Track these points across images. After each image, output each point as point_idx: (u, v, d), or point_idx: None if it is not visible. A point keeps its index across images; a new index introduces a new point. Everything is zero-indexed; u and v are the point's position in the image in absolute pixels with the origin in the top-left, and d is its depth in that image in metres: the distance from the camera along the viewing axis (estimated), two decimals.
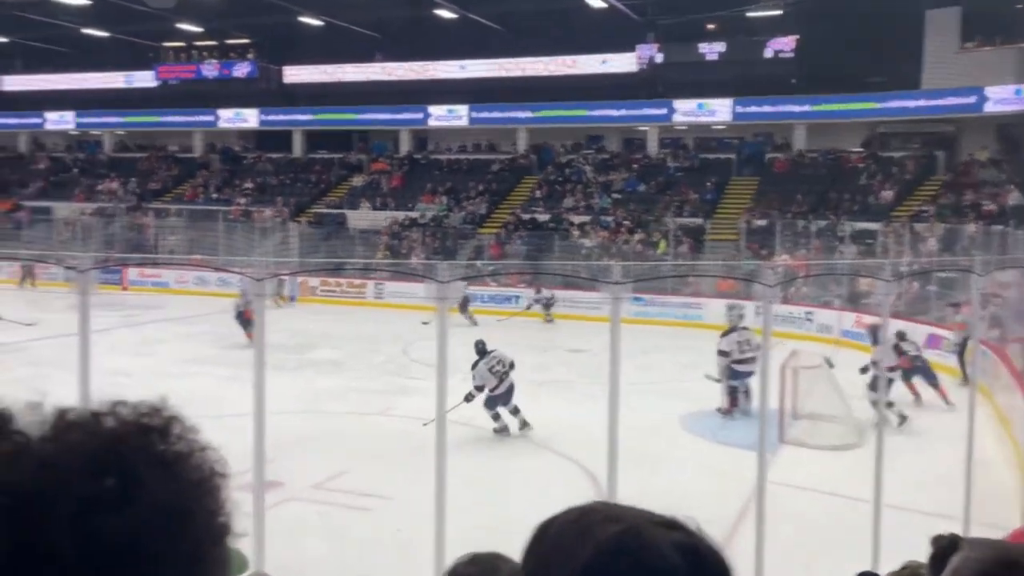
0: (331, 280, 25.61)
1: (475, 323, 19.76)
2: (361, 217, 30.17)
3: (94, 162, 37.37)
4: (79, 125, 38.38)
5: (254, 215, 30.36)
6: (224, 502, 0.74)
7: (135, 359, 15.47)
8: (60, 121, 38.26)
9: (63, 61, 37.73)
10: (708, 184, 28.60)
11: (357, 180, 33.42)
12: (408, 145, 34.32)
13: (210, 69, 34.89)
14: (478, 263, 24.79)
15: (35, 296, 24.21)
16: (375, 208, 30.71)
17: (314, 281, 25.54)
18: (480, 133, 33.74)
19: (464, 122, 33.01)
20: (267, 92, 34.88)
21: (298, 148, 35.67)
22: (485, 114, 32.63)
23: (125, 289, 25.60)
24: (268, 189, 33.14)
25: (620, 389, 5.40)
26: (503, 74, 31.79)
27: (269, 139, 36.98)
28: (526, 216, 28.49)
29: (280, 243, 27.91)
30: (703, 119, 30.25)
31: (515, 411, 11.41)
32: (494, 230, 28.33)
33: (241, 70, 34.48)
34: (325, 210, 31.59)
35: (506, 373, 11.44)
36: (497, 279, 24.20)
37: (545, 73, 31.24)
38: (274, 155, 35.70)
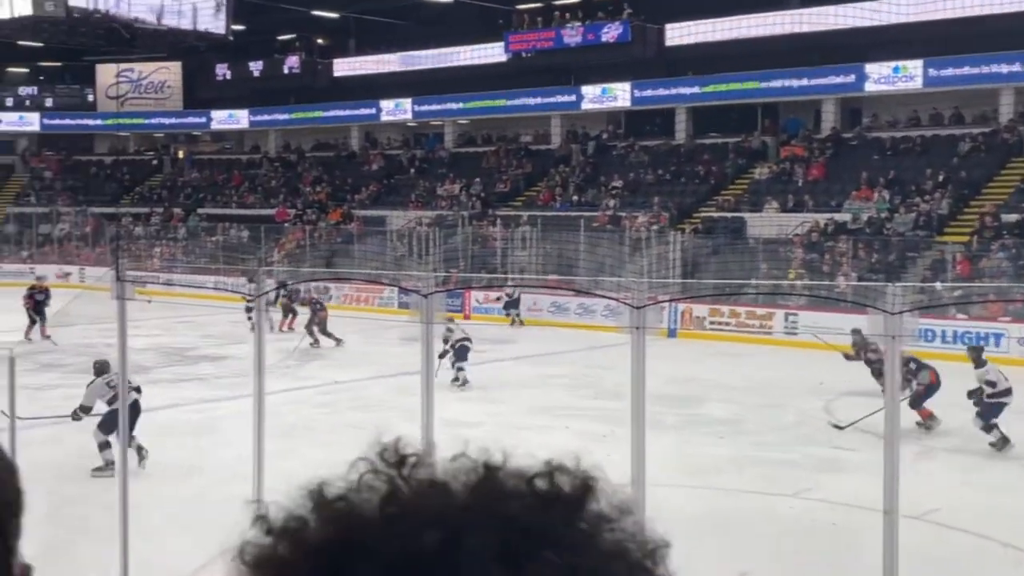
0: (723, 308, 25.72)
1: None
2: (766, 222, 30.22)
3: (432, 160, 41.37)
4: (417, 114, 42.78)
5: (624, 222, 31.48)
6: None
7: (479, 406, 16.77)
8: (396, 110, 42.97)
9: (400, 38, 42.28)
10: None
11: (761, 171, 33.48)
12: (834, 120, 33.91)
13: (572, 35, 36.98)
14: (938, 285, 23.60)
15: (362, 324, 27.14)
16: (786, 209, 30.65)
17: (701, 309, 25.84)
18: (940, 98, 32.22)
19: (917, 83, 31.86)
20: (642, 60, 36.15)
21: (682, 132, 36.56)
22: (950, 71, 31.07)
23: (467, 318, 27.77)
24: (642, 188, 34.32)
25: None
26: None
27: (644, 121, 38.29)
28: (1012, 217, 26.81)
29: (658, 259, 28.66)
30: None
31: (138, 449, 12.36)
32: (962, 238, 27.15)
33: (611, 33, 36.13)
34: (717, 213, 32.06)
35: (129, 390, 11.86)
36: (967, 309, 22.81)
37: None
38: (650, 142, 36.92)
